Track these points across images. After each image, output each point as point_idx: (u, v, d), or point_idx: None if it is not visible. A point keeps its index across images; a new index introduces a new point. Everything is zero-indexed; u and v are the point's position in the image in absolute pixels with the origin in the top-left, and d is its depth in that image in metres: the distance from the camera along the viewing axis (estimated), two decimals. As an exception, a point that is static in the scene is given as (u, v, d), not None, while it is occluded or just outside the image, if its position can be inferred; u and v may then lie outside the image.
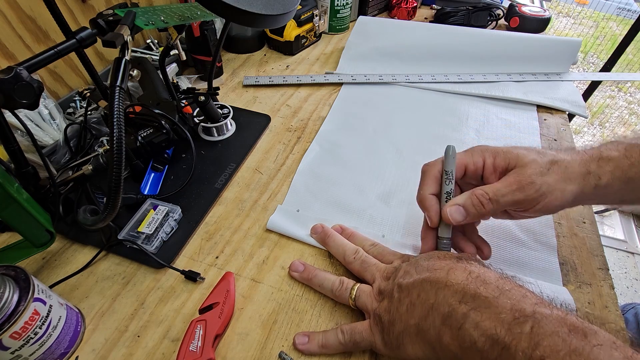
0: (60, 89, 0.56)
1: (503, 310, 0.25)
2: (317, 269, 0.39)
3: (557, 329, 0.23)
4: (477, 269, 0.29)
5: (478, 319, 0.26)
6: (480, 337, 0.25)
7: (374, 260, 0.37)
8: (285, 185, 0.49)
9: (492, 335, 0.25)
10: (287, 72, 0.70)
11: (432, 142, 0.55)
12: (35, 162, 0.41)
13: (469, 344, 0.26)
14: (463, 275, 0.28)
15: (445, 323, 0.27)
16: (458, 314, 0.27)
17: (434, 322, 0.28)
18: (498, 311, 0.25)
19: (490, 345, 0.25)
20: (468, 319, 0.26)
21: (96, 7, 0.57)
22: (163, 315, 0.36)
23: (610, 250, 1.48)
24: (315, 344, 0.34)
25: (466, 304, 0.27)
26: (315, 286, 0.38)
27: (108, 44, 0.33)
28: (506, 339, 0.24)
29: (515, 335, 0.24)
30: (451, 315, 0.27)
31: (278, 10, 0.41)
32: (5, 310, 0.27)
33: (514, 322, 0.24)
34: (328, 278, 0.37)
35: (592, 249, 0.42)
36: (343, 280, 0.36)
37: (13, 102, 0.31)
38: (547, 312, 0.24)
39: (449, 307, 0.27)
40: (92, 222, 0.33)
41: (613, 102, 2.11)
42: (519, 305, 0.25)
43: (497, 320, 0.25)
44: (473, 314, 0.26)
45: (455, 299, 0.27)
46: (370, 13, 0.87)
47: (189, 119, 0.53)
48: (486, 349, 0.25)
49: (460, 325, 0.26)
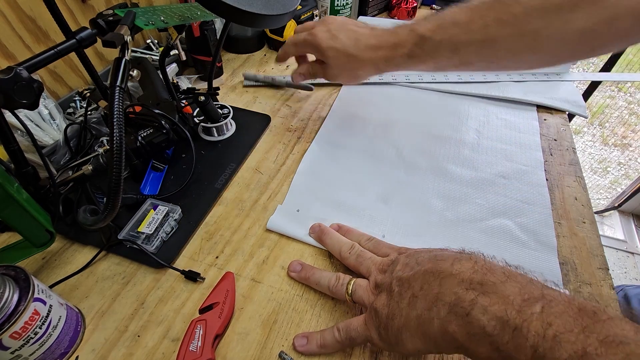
0: (60, 89, 0.56)
1: (512, 293, 0.25)
2: (314, 267, 0.39)
3: (567, 309, 0.23)
4: (482, 260, 0.29)
5: (486, 303, 0.25)
6: (490, 321, 0.24)
7: (369, 254, 0.37)
8: (285, 185, 0.49)
9: (501, 317, 0.24)
10: (287, 72, 0.70)
11: (432, 142, 0.55)
12: (35, 162, 0.42)
13: (478, 329, 0.25)
14: (468, 265, 0.28)
15: (451, 311, 0.27)
16: (465, 301, 0.26)
17: (439, 313, 0.27)
18: (506, 294, 0.25)
19: (500, 328, 0.24)
20: (476, 305, 0.25)
21: (96, 7, 0.57)
22: (163, 315, 0.36)
23: (610, 250, 1.48)
24: (314, 344, 0.34)
25: (474, 290, 0.26)
26: (313, 285, 0.38)
27: (108, 44, 0.33)
28: (517, 320, 0.23)
29: (527, 317, 0.23)
30: (457, 303, 0.26)
31: (278, 10, 0.41)
32: (5, 310, 0.27)
33: (523, 304, 0.24)
34: (324, 275, 0.37)
35: (592, 249, 0.42)
36: (339, 276, 0.36)
37: (13, 102, 0.31)
38: (555, 294, 0.24)
39: (455, 295, 0.27)
40: (92, 222, 0.33)
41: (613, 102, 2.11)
42: (527, 288, 0.25)
43: (506, 303, 0.24)
44: (481, 299, 0.25)
45: (462, 287, 0.27)
46: (370, 13, 0.87)
47: (189, 119, 0.53)
48: (496, 333, 0.24)
49: (468, 312, 0.26)
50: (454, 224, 0.45)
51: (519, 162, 0.52)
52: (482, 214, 0.46)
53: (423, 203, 0.47)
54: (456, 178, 0.50)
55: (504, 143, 0.56)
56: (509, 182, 0.49)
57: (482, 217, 0.45)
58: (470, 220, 0.45)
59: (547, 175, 0.51)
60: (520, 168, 0.51)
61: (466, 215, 0.45)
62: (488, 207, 0.46)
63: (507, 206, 0.46)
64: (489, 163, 0.52)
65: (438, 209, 0.46)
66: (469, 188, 0.49)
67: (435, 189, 0.48)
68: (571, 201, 0.48)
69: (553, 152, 0.54)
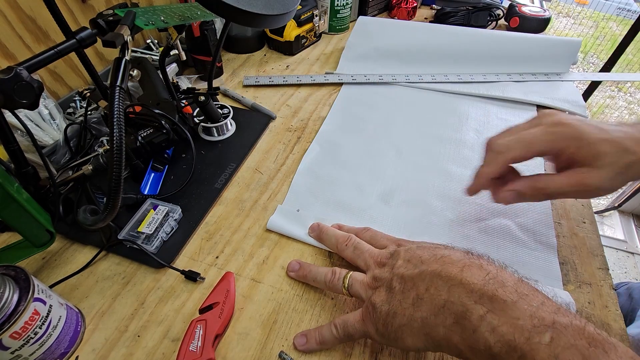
0: (60, 89, 0.56)
1: (522, 316, 0.24)
2: (311, 265, 0.39)
3: (577, 342, 0.22)
4: (494, 269, 0.28)
5: (495, 322, 0.25)
6: (497, 342, 0.24)
7: (367, 246, 0.36)
8: (285, 185, 0.49)
9: (509, 341, 0.24)
10: (287, 72, 0.70)
11: (432, 142, 0.55)
12: (35, 162, 0.42)
13: (483, 347, 0.25)
14: (480, 275, 0.27)
15: (458, 323, 0.26)
16: (473, 315, 0.25)
17: (445, 321, 0.27)
18: (516, 316, 0.24)
19: (506, 351, 0.24)
20: (484, 322, 0.25)
21: (96, 7, 0.57)
22: (163, 315, 0.36)
23: (610, 250, 1.48)
24: (314, 342, 0.33)
25: (483, 305, 0.25)
26: (311, 282, 0.38)
27: (108, 44, 0.33)
28: (524, 347, 0.23)
29: (534, 345, 0.23)
30: (465, 317, 0.26)
31: (278, 10, 0.41)
32: (5, 310, 0.27)
33: (533, 331, 0.24)
34: (321, 271, 0.37)
35: (592, 249, 0.42)
36: (335, 271, 0.36)
37: (13, 102, 0.31)
38: (566, 322, 0.24)
39: (464, 306, 0.26)
40: (92, 222, 0.33)
41: (613, 102, 2.11)
42: (538, 312, 0.24)
43: (515, 326, 0.24)
44: (490, 316, 0.25)
45: (471, 299, 0.26)
46: (370, 13, 0.87)
47: (189, 119, 0.53)
48: (502, 355, 0.24)
49: (475, 328, 0.25)
50: (454, 224, 0.45)
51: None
52: (482, 214, 0.46)
53: (423, 203, 0.47)
54: (456, 178, 0.50)
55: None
56: (509, 182, 0.49)
57: (482, 217, 0.45)
58: (470, 220, 0.45)
59: (547, 175, 0.51)
60: (520, 168, 0.51)
61: (466, 215, 0.45)
62: (488, 207, 0.46)
63: (507, 206, 0.46)
64: (489, 163, 0.52)
65: (438, 209, 0.46)
66: (469, 188, 0.49)
67: (435, 189, 0.48)
68: (571, 201, 0.48)
69: (553, 152, 0.54)
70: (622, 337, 0.35)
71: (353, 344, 0.35)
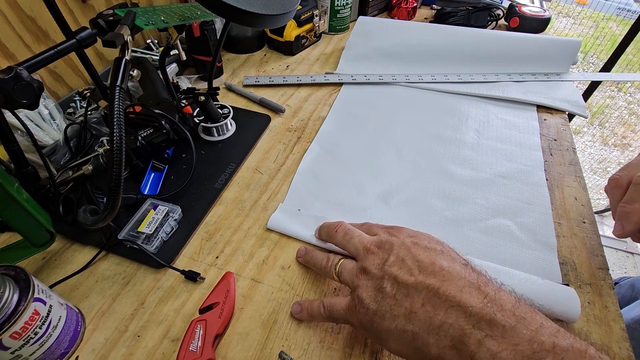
0: (60, 89, 0.56)
1: (521, 341, 0.24)
2: (314, 250, 0.39)
3: None
4: (492, 291, 0.27)
5: (494, 349, 0.24)
6: None
7: (357, 231, 0.36)
8: (285, 185, 0.49)
9: None
10: (287, 72, 0.70)
11: (432, 142, 0.55)
12: (35, 162, 0.42)
13: None
14: (478, 298, 0.26)
15: (453, 346, 0.26)
16: (471, 339, 0.25)
17: (439, 342, 0.26)
18: (515, 342, 0.24)
19: None
20: (482, 348, 0.25)
21: (96, 7, 0.57)
22: (163, 315, 0.36)
23: (610, 250, 1.48)
24: (305, 313, 0.35)
25: (481, 330, 0.25)
26: (311, 267, 0.39)
27: (108, 44, 0.33)
28: None
29: None
30: (463, 341, 0.25)
31: (278, 10, 0.41)
32: (5, 310, 0.27)
33: (533, 357, 0.23)
34: (317, 256, 0.37)
35: (592, 249, 0.42)
36: (329, 257, 0.36)
37: (13, 102, 0.31)
38: (566, 346, 0.23)
39: (461, 330, 0.25)
40: (92, 222, 0.33)
41: (613, 102, 2.11)
42: (537, 336, 0.24)
43: (514, 352, 0.24)
44: (488, 342, 0.24)
45: (469, 323, 0.25)
46: (370, 13, 0.87)
47: (189, 119, 0.53)
48: None
49: (473, 355, 0.25)
50: (454, 224, 0.45)
51: (519, 162, 0.52)
52: (482, 214, 0.46)
53: (423, 203, 0.47)
54: (456, 178, 0.50)
55: (504, 143, 0.56)
56: (509, 182, 0.49)
57: (482, 217, 0.45)
58: (470, 220, 0.45)
59: (547, 175, 0.51)
60: (520, 168, 0.51)
61: (466, 215, 0.45)
62: (488, 207, 0.46)
63: (507, 206, 0.46)
64: (489, 163, 0.52)
65: (438, 209, 0.46)
66: (469, 188, 0.49)
67: (435, 189, 0.48)
68: (571, 201, 0.48)
69: (553, 152, 0.54)
70: (623, 337, 0.35)
71: (353, 344, 0.35)
